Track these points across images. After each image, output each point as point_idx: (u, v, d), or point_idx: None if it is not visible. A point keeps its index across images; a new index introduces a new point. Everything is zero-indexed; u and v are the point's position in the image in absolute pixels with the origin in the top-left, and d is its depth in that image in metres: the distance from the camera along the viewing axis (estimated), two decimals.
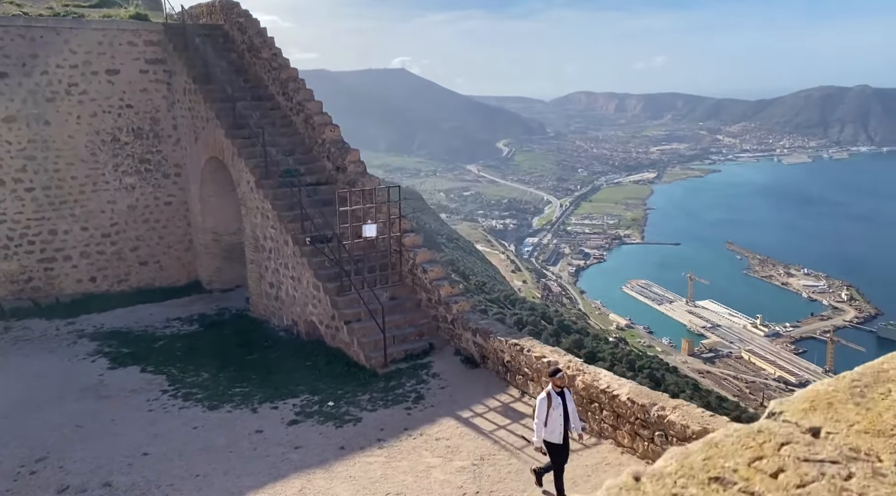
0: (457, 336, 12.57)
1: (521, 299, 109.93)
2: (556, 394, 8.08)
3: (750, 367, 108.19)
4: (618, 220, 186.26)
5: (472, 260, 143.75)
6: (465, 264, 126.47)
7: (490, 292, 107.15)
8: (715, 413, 8.64)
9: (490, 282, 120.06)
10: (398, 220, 13.46)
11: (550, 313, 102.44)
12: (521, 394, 11.14)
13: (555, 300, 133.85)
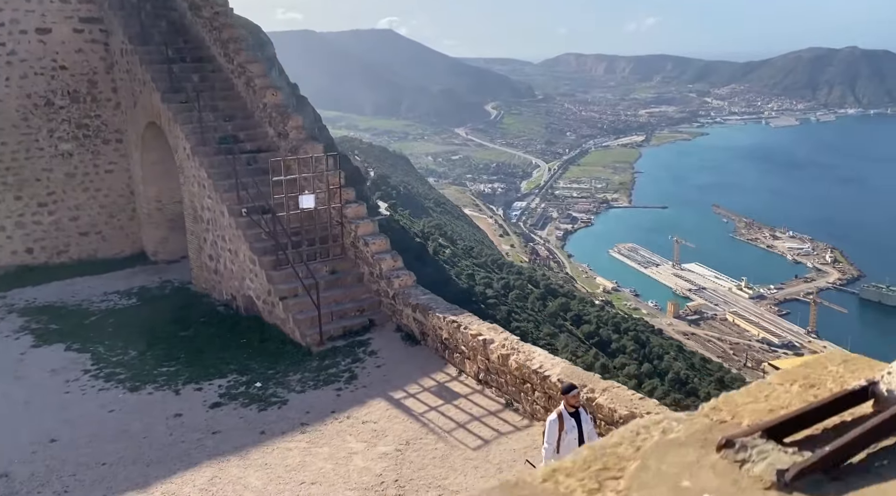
0: (398, 312, 12.05)
1: (509, 263, 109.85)
2: (570, 414, 7.00)
3: (734, 329, 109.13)
4: (606, 184, 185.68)
5: (460, 224, 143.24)
6: (452, 229, 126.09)
7: (477, 257, 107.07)
8: (645, 397, 8.19)
9: (478, 247, 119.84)
10: (339, 189, 12.80)
11: (537, 277, 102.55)
12: (458, 373, 10.68)
13: (542, 264, 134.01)
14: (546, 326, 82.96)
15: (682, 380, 74.07)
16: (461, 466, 8.41)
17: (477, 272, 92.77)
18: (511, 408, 9.63)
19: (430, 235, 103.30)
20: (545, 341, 79.94)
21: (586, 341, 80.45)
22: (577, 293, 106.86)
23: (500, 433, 9.10)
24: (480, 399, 9.96)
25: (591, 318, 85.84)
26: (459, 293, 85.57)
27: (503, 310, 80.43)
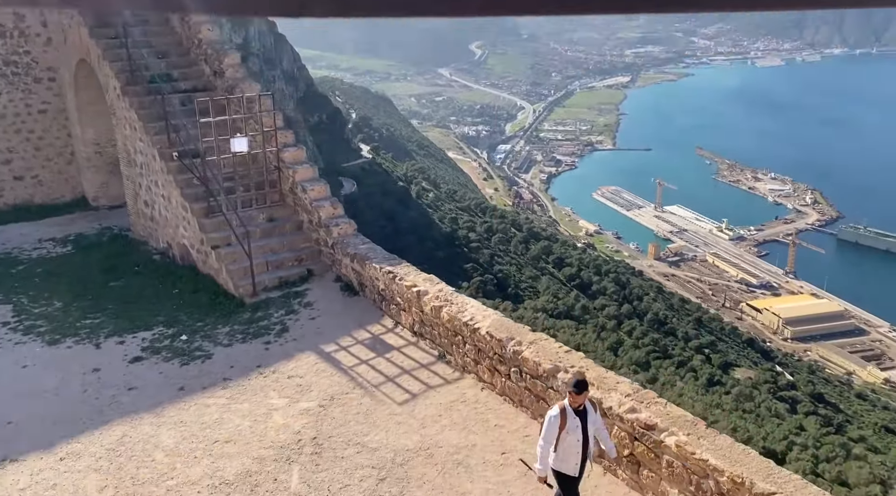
0: (337, 262, 11.59)
1: (492, 207, 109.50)
2: (575, 412, 6.03)
3: (713, 270, 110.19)
4: (590, 126, 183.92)
5: (444, 168, 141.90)
6: (435, 172, 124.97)
7: (461, 200, 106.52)
8: (571, 351, 7.84)
9: (461, 191, 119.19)
10: (274, 132, 12.10)
11: (521, 221, 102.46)
12: (394, 325, 10.31)
13: (526, 208, 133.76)
14: (528, 269, 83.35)
15: (661, 320, 75.01)
16: (384, 422, 8.11)
17: (460, 216, 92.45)
18: (443, 361, 9.30)
19: (414, 179, 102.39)
20: (527, 284, 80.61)
21: (567, 284, 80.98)
22: (560, 236, 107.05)
23: (429, 386, 8.79)
24: (414, 351, 9.61)
25: (573, 261, 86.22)
26: (442, 237, 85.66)
27: (486, 253, 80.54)
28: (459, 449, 7.58)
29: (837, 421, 59.02)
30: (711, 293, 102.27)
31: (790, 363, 74.77)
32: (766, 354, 75.60)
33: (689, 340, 69.91)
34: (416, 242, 74.01)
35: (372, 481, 7.11)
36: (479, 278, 70.90)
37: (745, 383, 61.81)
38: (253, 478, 7.17)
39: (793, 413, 57.43)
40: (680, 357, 65.08)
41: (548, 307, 69.57)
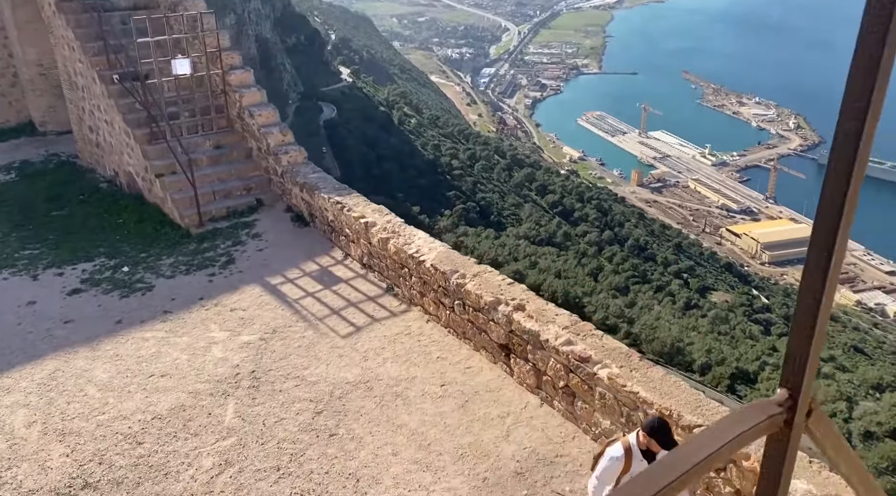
0: (287, 191, 11.22)
1: (476, 133, 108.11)
2: (643, 453, 4.95)
3: (695, 196, 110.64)
4: (576, 49, 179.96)
5: (426, 92, 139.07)
6: (418, 97, 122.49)
7: (444, 127, 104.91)
8: (514, 283, 7.66)
9: (444, 117, 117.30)
10: (219, 53, 11.47)
11: (504, 148, 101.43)
12: (343, 257, 10.07)
13: (510, 134, 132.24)
14: (511, 197, 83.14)
15: (641, 246, 75.69)
16: (326, 355, 7.98)
17: (443, 143, 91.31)
18: (391, 293, 9.13)
19: (396, 104, 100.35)
20: (510, 212, 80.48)
21: (550, 211, 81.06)
22: (544, 163, 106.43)
23: (375, 319, 8.64)
24: (362, 284, 9.42)
25: (556, 188, 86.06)
26: (425, 164, 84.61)
27: (469, 181, 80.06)
28: (399, 381, 7.49)
29: None
30: (692, 219, 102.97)
31: (766, 286, 76.14)
32: (743, 278, 76.87)
33: (668, 265, 70.81)
34: (397, 170, 73.28)
35: (308, 414, 7.02)
36: (461, 206, 70.74)
37: (722, 306, 63.05)
38: (187, 412, 7.06)
39: (767, 334, 58.96)
40: (659, 282, 66.09)
41: (530, 234, 69.82)
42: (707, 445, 0.80)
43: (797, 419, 0.83)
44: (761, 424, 0.81)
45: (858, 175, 0.75)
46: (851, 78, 0.77)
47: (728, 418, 0.82)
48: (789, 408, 0.83)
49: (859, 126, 0.74)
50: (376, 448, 6.54)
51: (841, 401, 45.67)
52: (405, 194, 67.25)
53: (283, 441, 6.64)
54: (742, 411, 0.83)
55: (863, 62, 0.74)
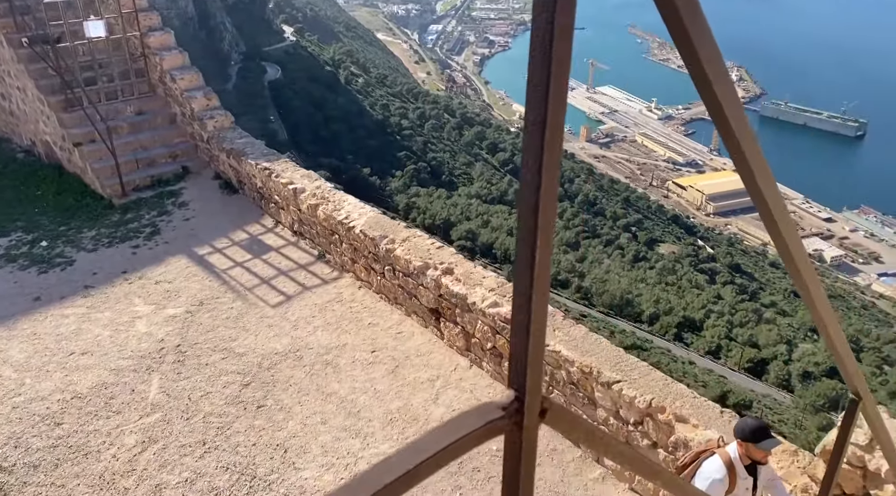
0: (214, 158, 10.86)
1: (425, 92, 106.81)
2: (746, 468, 4.18)
3: (642, 150, 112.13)
4: (523, 4, 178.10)
5: (373, 50, 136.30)
6: (365, 56, 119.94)
7: (392, 86, 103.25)
8: (443, 247, 7.62)
9: (392, 75, 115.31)
10: (135, 13, 10.90)
11: (454, 106, 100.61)
12: (274, 224, 9.85)
13: (459, 92, 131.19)
14: (462, 156, 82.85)
15: (591, 201, 76.61)
16: (255, 326, 7.84)
17: (392, 102, 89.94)
18: (323, 260, 8.99)
19: (342, 63, 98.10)
20: (461, 171, 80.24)
21: (501, 169, 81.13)
22: (494, 121, 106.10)
23: (306, 287, 8.51)
24: (293, 251, 9.25)
25: (507, 146, 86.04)
26: (374, 124, 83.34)
27: (419, 141, 79.36)
28: (330, 349, 7.42)
29: (752, 289, 62.94)
30: (640, 173, 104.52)
31: (711, 237, 78.22)
32: (689, 230, 78.73)
33: (617, 219, 71.98)
34: (346, 131, 72.05)
35: (236, 387, 6.91)
36: (412, 166, 70.22)
37: (669, 258, 64.66)
38: (108, 389, 6.87)
39: (712, 283, 60.81)
40: (608, 236, 67.26)
41: (482, 193, 69.96)
42: (418, 454, 0.73)
43: (528, 422, 0.76)
44: (480, 431, 0.75)
45: (551, 166, 0.68)
46: (531, 65, 0.70)
47: (448, 424, 0.76)
48: (516, 410, 0.76)
49: (543, 114, 0.66)
50: (305, 417, 6.49)
51: (781, 344, 47.68)
52: (354, 156, 66.35)
53: (210, 415, 6.54)
54: (462, 416, 0.77)
55: (537, 48, 0.67)
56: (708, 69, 0.85)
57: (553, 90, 0.69)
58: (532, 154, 0.69)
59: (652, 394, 5.38)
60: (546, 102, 0.69)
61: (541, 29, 0.69)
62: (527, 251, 0.70)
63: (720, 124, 1.00)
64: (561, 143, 0.74)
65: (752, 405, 31.80)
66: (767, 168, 1.06)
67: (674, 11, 0.79)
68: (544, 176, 0.69)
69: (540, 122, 0.69)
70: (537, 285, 0.71)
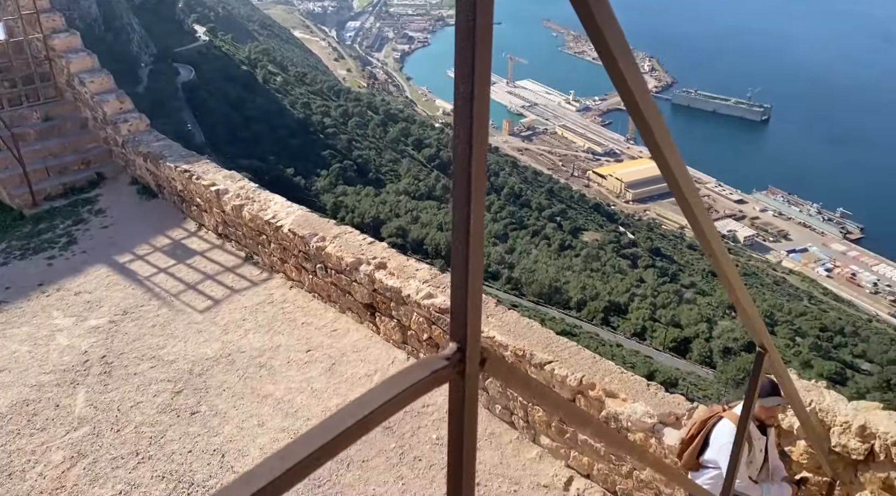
0: (131, 162, 10.51)
1: (346, 89, 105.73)
2: (759, 429, 4.15)
3: (563, 142, 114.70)
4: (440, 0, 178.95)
5: (291, 48, 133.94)
6: (282, 54, 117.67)
7: (312, 84, 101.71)
8: (375, 242, 7.64)
9: (311, 73, 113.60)
10: (36, 15, 10.40)
11: (377, 103, 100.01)
12: (197, 228, 9.62)
13: (381, 89, 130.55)
14: (388, 152, 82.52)
15: (516, 193, 77.78)
16: (183, 332, 7.66)
17: (313, 100, 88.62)
18: (251, 262, 8.86)
19: (259, 62, 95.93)
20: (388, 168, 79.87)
21: (428, 165, 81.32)
22: (418, 117, 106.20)
23: (235, 290, 8.37)
24: (219, 254, 9.07)
25: (432, 142, 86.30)
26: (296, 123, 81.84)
27: (343, 139, 78.52)
28: (263, 351, 7.34)
29: (672, 271, 65.44)
30: (562, 164, 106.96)
31: (632, 223, 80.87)
32: (610, 217, 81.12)
33: (542, 210, 73.42)
34: (267, 131, 70.56)
35: (167, 395, 6.75)
36: (338, 165, 69.45)
37: (593, 245, 66.47)
38: (31, 406, 6.58)
39: (634, 268, 62.90)
40: (534, 226, 68.53)
41: (410, 189, 69.97)
42: (372, 402, 0.80)
43: (469, 370, 0.84)
44: (427, 379, 0.82)
45: (480, 137, 0.76)
46: (457, 43, 0.77)
47: (398, 375, 0.83)
48: (459, 361, 0.84)
49: (470, 89, 0.74)
50: (241, 421, 6.41)
51: (702, 323, 49.82)
52: (277, 156, 65.12)
53: (141, 425, 6.37)
54: (411, 367, 0.84)
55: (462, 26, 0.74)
56: (620, 62, 0.94)
57: (478, 68, 0.76)
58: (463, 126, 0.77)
59: (582, 372, 5.59)
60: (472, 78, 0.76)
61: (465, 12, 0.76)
62: (462, 213, 0.77)
63: (633, 113, 1.10)
64: (487, 116, 0.82)
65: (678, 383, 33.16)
66: (677, 151, 1.18)
67: (587, 9, 0.87)
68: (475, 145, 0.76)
69: (468, 96, 0.76)
70: (472, 244, 0.78)
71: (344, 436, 0.77)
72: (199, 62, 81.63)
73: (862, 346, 52.59)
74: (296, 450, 0.80)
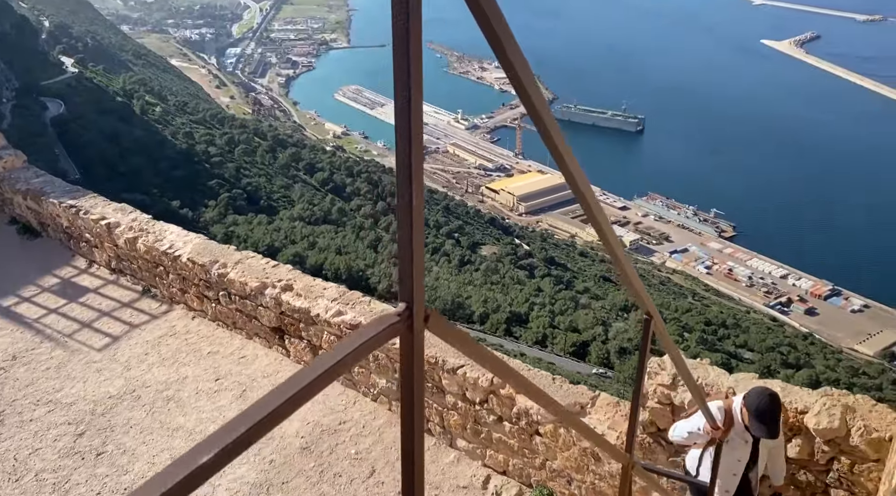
0: (8, 201, 9.96)
1: (231, 117, 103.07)
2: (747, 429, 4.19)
3: (455, 159, 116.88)
4: (322, 24, 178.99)
5: (169, 78, 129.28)
6: (160, 83, 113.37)
7: (194, 113, 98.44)
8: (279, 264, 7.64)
9: (193, 102, 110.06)
10: None
11: (264, 129, 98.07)
12: (88, 264, 9.24)
13: (267, 114, 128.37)
14: (279, 179, 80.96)
15: None
16: (81, 373, 7.34)
17: (196, 129, 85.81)
18: (149, 296, 8.60)
19: (135, 93, 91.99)
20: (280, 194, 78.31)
21: (321, 188, 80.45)
22: (308, 141, 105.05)
23: (134, 325, 8.10)
24: (114, 290, 8.74)
25: (325, 165, 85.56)
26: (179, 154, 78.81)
27: (230, 167, 76.36)
28: (170, 384, 7.15)
29: (567, 278, 67.93)
30: (455, 181, 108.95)
31: (526, 235, 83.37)
32: (506, 230, 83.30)
33: (440, 227, 74.37)
34: (148, 163, 67.63)
35: (69, 438, 6.45)
36: (227, 194, 67.49)
37: (491, 258, 67.97)
38: None
39: (531, 278, 64.80)
40: (434, 244, 69.26)
41: (305, 215, 68.93)
42: (339, 353, 0.97)
43: (416, 325, 1.03)
44: (382, 333, 1.00)
45: (417, 134, 0.95)
46: (394, 50, 0.96)
47: (358, 330, 1.00)
48: (408, 317, 1.02)
49: (408, 95, 0.93)
50: (152, 457, 6.24)
51: (598, 326, 51.95)
52: (161, 189, 62.57)
53: (42, 472, 6.06)
54: (369, 324, 1.02)
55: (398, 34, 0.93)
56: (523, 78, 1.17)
57: (413, 76, 0.96)
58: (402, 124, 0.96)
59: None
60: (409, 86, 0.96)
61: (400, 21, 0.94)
62: (405, 197, 0.96)
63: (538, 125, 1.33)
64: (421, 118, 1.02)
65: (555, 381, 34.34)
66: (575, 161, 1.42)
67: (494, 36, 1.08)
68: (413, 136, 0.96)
69: (407, 102, 0.96)
70: (415, 221, 0.97)
71: (315, 384, 0.94)
72: (70, 95, 77.43)
73: (743, 337, 56.61)
74: (268, 402, 0.95)
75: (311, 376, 0.94)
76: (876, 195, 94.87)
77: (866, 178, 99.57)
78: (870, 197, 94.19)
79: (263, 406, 0.97)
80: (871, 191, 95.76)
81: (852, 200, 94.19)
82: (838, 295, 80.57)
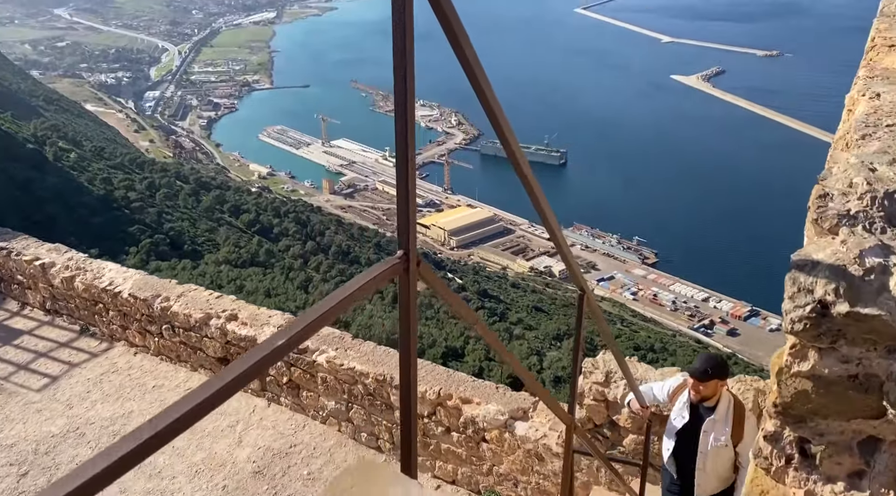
0: None
1: (151, 161, 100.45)
2: (691, 404, 4.32)
3: (385, 196, 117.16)
4: (244, 65, 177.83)
5: (84, 123, 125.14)
6: (74, 129, 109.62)
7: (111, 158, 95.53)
8: (222, 295, 7.77)
9: (110, 147, 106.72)
10: None
11: (186, 172, 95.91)
12: (20, 307, 9.08)
13: (189, 157, 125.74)
14: (203, 222, 79.15)
15: (344, 251, 77.92)
16: (20, 414, 7.22)
17: (114, 175, 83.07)
18: (87, 334, 8.52)
19: (48, 139, 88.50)
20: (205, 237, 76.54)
21: (248, 230, 79.08)
22: (232, 183, 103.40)
23: (73, 364, 8.01)
24: (50, 331, 8.62)
25: (250, 207, 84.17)
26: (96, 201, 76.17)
27: (152, 212, 74.13)
28: (115, 420, 7.12)
29: (500, 310, 68.78)
30: (386, 218, 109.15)
31: (458, 268, 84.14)
32: (438, 265, 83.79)
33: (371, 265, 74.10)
34: (64, 212, 64.91)
35: (12, 479, 6.34)
36: (148, 240, 65.45)
37: (425, 293, 68.28)
38: None
39: None
40: None
41: (231, 258, 67.44)
42: (349, 288, 1.29)
43: (411, 268, 1.37)
44: (386, 271, 1.33)
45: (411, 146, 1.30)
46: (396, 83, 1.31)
47: (366, 271, 1.33)
48: (405, 261, 1.36)
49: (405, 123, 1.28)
50: (101, 492, 6.18)
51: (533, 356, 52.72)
52: (78, 237, 60.13)
53: None
54: (375, 266, 1.35)
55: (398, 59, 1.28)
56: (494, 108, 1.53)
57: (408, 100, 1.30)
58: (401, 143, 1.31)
59: (439, 385, 6.16)
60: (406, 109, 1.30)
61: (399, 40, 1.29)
62: (401, 179, 1.30)
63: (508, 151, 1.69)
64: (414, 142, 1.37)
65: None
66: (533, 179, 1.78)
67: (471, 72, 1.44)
68: (408, 145, 1.31)
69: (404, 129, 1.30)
70: (409, 181, 1.31)
71: (325, 317, 1.25)
72: None
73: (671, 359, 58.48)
74: (261, 348, 1.26)
75: (324, 308, 1.25)
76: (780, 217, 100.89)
77: (771, 202, 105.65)
78: (775, 220, 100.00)
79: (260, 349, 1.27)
80: (775, 214, 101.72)
81: (759, 224, 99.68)
82: (756, 315, 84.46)
